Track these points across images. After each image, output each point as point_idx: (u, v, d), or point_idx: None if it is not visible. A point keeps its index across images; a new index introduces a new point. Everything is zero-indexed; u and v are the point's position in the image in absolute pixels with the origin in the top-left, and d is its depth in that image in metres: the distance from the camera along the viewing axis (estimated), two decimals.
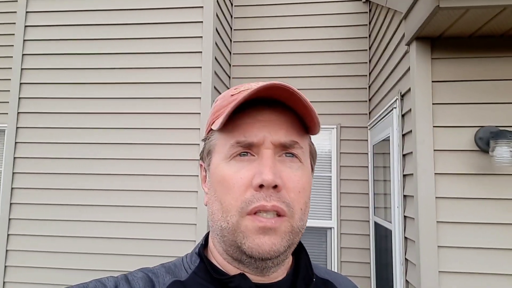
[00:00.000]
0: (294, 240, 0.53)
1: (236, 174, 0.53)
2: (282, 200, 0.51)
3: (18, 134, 3.05)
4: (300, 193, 0.54)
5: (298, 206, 0.53)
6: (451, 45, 2.07)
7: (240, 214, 0.51)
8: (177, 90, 2.93)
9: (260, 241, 0.50)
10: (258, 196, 0.51)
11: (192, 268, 0.58)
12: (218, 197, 0.54)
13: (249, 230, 0.50)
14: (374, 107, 3.32)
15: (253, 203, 0.50)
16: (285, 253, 0.52)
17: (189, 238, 2.78)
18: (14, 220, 2.98)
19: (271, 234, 0.50)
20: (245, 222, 0.51)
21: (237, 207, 0.51)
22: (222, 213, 0.53)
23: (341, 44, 3.67)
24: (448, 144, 2.03)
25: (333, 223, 3.43)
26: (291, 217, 0.52)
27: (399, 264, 2.37)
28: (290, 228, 0.52)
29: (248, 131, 0.54)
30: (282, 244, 0.51)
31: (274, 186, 0.51)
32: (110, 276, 0.55)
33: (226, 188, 0.53)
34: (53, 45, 3.11)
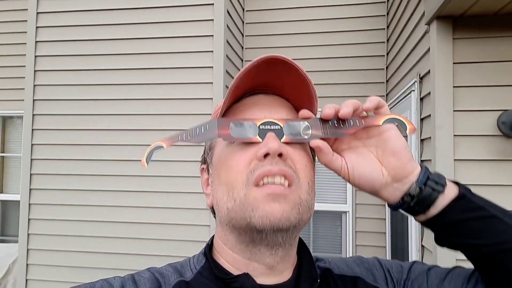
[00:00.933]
0: (304, 216, 0.52)
1: (239, 151, 0.53)
2: (289, 166, 0.51)
3: (35, 121, 3.09)
4: (306, 167, 0.54)
5: (305, 177, 0.53)
6: (474, 24, 1.96)
7: (246, 187, 0.50)
8: (191, 76, 2.90)
9: (270, 208, 0.49)
10: (263, 163, 0.50)
11: (198, 268, 0.57)
12: (223, 180, 0.53)
13: (258, 201, 0.49)
14: (391, 89, 3.21)
15: (258, 170, 0.50)
16: (295, 229, 0.52)
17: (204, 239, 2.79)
18: (34, 205, 3.06)
19: (281, 201, 0.49)
20: (253, 194, 0.50)
21: (243, 179, 0.51)
22: (228, 193, 0.52)
23: (358, 23, 3.52)
24: (469, 129, 1.94)
25: (348, 207, 3.40)
26: (299, 187, 0.51)
27: (415, 250, 2.33)
28: (299, 199, 0.51)
29: (248, 112, 0.55)
30: (293, 214, 0.50)
31: (280, 155, 0.50)
32: (117, 276, 0.55)
33: (230, 166, 0.53)
34: (66, 31, 3.10)
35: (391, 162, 0.53)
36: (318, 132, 0.54)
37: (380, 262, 0.66)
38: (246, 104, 0.57)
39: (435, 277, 0.59)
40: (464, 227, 0.52)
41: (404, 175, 0.53)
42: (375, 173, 0.54)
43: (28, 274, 3.01)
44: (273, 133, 0.52)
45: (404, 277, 0.62)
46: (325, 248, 3.56)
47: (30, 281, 3.01)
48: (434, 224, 0.54)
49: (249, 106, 0.56)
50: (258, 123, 0.53)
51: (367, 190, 0.56)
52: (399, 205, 0.55)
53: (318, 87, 0.59)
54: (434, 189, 0.52)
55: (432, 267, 0.62)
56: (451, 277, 0.58)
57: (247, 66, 0.51)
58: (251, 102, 0.57)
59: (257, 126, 0.53)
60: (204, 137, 0.53)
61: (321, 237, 3.57)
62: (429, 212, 0.53)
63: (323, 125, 0.55)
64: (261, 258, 0.54)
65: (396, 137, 0.54)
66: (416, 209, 0.53)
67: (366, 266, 0.64)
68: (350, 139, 0.56)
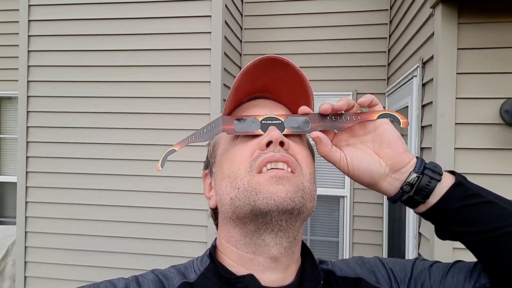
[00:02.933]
0: (307, 204, 0.53)
1: (242, 144, 0.55)
2: (291, 154, 0.54)
3: (30, 103, 3.04)
4: (308, 158, 0.57)
5: (306, 167, 0.55)
6: (479, 8, 1.89)
7: (250, 174, 0.52)
8: (189, 74, 2.84)
9: (274, 189, 0.50)
10: (265, 151, 0.53)
11: (201, 270, 0.58)
12: (226, 173, 0.55)
13: (261, 184, 0.51)
14: (393, 72, 3.15)
15: (261, 157, 0.52)
16: (299, 213, 0.52)
17: None
18: (31, 188, 3.04)
19: (284, 183, 0.51)
20: (256, 179, 0.51)
21: (246, 167, 0.53)
22: (231, 183, 0.53)
23: (359, 3, 3.43)
24: (471, 117, 1.91)
25: (346, 191, 3.40)
26: (301, 175, 0.53)
27: (412, 237, 2.34)
28: (302, 185, 0.53)
29: (250, 111, 0.59)
30: (297, 196, 0.51)
31: (281, 143, 0.53)
32: (121, 278, 0.56)
33: (233, 158, 0.55)
34: (59, 10, 3.00)
35: (388, 153, 0.56)
36: (317, 125, 0.57)
37: (382, 262, 0.65)
38: (247, 106, 0.61)
39: (438, 273, 0.60)
40: (463, 213, 0.54)
41: (401, 165, 0.56)
42: (373, 164, 0.57)
43: (26, 256, 3.03)
44: (275, 126, 0.55)
45: (408, 275, 0.62)
46: (323, 232, 3.58)
47: (28, 263, 3.03)
48: (433, 213, 0.56)
49: (250, 107, 0.60)
50: (260, 119, 0.56)
51: (366, 181, 0.58)
52: (398, 196, 0.57)
53: (317, 70, 0.60)
54: (432, 178, 0.54)
55: (434, 262, 0.63)
56: (453, 272, 0.59)
57: (245, 68, 0.54)
58: (252, 104, 0.61)
59: (259, 121, 0.56)
60: (210, 134, 0.57)
61: (318, 222, 3.58)
62: (428, 201, 0.55)
63: (322, 119, 0.58)
64: (266, 250, 0.54)
65: (390, 130, 0.57)
66: (415, 198, 0.55)
67: (367, 267, 0.64)
68: (347, 136, 0.60)
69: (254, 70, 0.55)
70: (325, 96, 3.32)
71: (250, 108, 0.60)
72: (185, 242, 2.81)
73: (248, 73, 0.55)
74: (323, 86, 3.34)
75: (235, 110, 0.61)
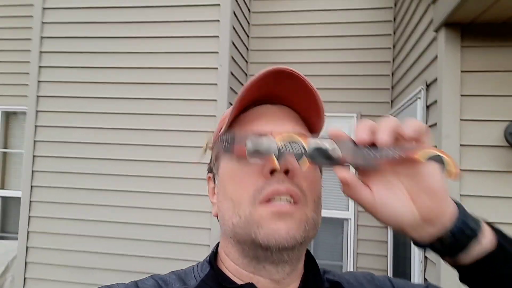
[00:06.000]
0: (310, 233, 0.51)
1: (246, 166, 0.51)
2: (296, 184, 0.50)
3: (38, 117, 3.08)
4: (313, 183, 0.53)
5: (311, 196, 0.52)
6: (483, 32, 1.93)
7: (252, 205, 0.49)
8: (196, 77, 2.89)
9: (276, 226, 0.48)
10: (270, 182, 0.49)
11: (201, 276, 0.56)
12: (229, 194, 0.53)
13: (263, 218, 0.48)
14: (397, 95, 3.18)
15: (266, 189, 0.49)
16: (301, 246, 0.51)
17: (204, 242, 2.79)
18: (35, 202, 3.04)
19: (287, 220, 0.48)
20: (259, 212, 0.49)
21: (249, 196, 0.50)
22: (233, 208, 0.51)
23: (364, 28, 3.50)
24: (476, 139, 1.91)
25: (350, 214, 3.36)
26: (305, 205, 0.51)
27: (418, 261, 2.29)
28: (305, 217, 0.50)
29: (255, 124, 0.54)
30: (299, 233, 0.49)
31: (286, 171, 0.49)
32: (121, 283, 0.55)
33: (237, 181, 0.52)
34: (71, 28, 3.10)
35: (425, 201, 0.45)
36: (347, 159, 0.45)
37: (391, 282, 0.63)
38: (253, 115, 0.56)
39: None
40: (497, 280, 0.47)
41: (437, 217, 0.45)
42: (405, 213, 0.46)
43: (26, 272, 3.00)
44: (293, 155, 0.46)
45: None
46: (326, 256, 3.51)
47: (28, 279, 3.00)
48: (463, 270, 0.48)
49: (255, 117, 0.55)
50: (277, 141, 0.46)
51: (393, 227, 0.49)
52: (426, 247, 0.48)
53: (321, 92, 0.57)
54: (469, 237, 0.45)
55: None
56: None
57: (254, 78, 0.51)
58: (258, 112, 0.56)
59: (276, 146, 0.46)
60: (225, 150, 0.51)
61: (322, 245, 3.52)
62: (459, 258, 0.47)
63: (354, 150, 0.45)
64: (267, 274, 0.53)
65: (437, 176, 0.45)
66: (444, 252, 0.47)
67: (376, 284, 0.62)
68: None
69: (261, 81, 0.52)
70: (329, 117, 3.35)
71: (255, 118, 0.55)
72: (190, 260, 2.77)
73: (255, 84, 0.51)
74: (327, 107, 3.27)
75: (240, 115, 0.57)
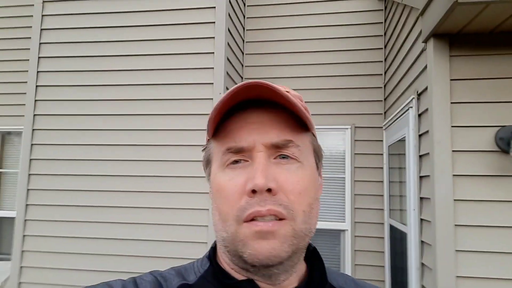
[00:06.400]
0: (299, 244, 0.51)
1: (230, 182, 0.51)
2: (279, 203, 0.49)
3: (34, 136, 3.09)
4: (301, 194, 0.51)
5: (299, 208, 0.50)
6: (470, 42, 2.00)
7: (237, 223, 0.49)
8: (190, 91, 2.93)
9: (258, 245, 0.48)
10: (252, 202, 0.49)
11: (201, 272, 0.57)
12: (217, 207, 0.53)
13: (247, 237, 0.48)
14: (389, 106, 3.24)
15: (248, 210, 0.48)
16: (290, 259, 0.50)
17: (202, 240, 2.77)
18: (29, 221, 3.01)
19: (269, 238, 0.48)
20: (243, 230, 0.49)
21: (234, 215, 0.49)
22: (222, 222, 0.51)
23: (356, 42, 3.60)
24: (467, 144, 1.95)
25: (347, 225, 3.37)
26: (292, 220, 0.49)
27: (415, 269, 2.30)
28: (292, 232, 0.49)
29: (237, 135, 0.52)
30: (283, 249, 0.48)
31: (268, 190, 0.48)
32: (119, 279, 0.55)
33: (222, 197, 0.52)
34: (68, 47, 3.14)
35: None
36: None
37: None
38: (237, 122, 0.53)
39: None
40: None
41: None
42: None
43: None
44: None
45: None
46: None
47: None
48: None
49: (239, 126, 0.53)
50: None
51: None
52: None
53: (316, 105, 0.57)
54: None
55: None
56: None
57: (228, 93, 0.49)
58: (241, 121, 0.53)
59: None
60: None
61: None
62: None
63: None
64: (262, 278, 0.52)
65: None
66: None
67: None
68: None
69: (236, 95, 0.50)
70: (324, 130, 3.40)
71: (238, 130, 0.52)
72: None
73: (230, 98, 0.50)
74: (322, 120, 3.41)
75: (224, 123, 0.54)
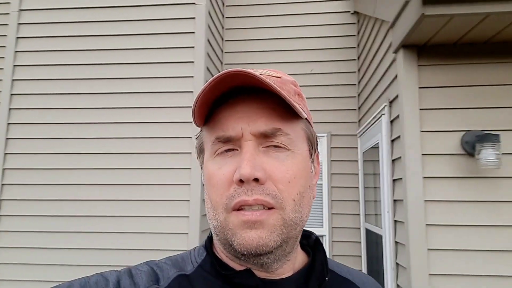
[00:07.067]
0: (290, 233, 0.50)
1: (219, 170, 0.51)
2: (266, 193, 0.48)
3: (8, 144, 3.03)
4: (291, 183, 0.51)
5: (289, 196, 0.50)
6: (437, 52, 2.14)
7: (226, 211, 0.49)
8: (170, 84, 2.98)
9: (246, 235, 0.48)
10: (239, 191, 0.49)
11: (198, 262, 0.56)
12: (208, 195, 0.53)
13: (235, 226, 0.49)
14: (363, 115, 3.37)
15: (235, 198, 0.49)
16: (281, 248, 0.50)
17: None
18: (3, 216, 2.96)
19: (257, 228, 0.48)
20: (231, 218, 0.49)
21: (223, 203, 0.50)
22: (213, 211, 0.52)
23: (331, 54, 3.74)
24: (436, 148, 2.07)
25: (325, 230, 3.44)
26: (282, 209, 0.49)
27: (390, 269, 2.38)
28: (281, 221, 0.49)
29: (225, 124, 0.52)
30: (272, 238, 0.48)
31: (255, 179, 0.48)
32: (113, 270, 0.54)
33: (212, 185, 0.52)
34: (44, 56, 3.12)
35: None
36: None
37: None
38: (225, 111, 0.53)
39: None
40: None
41: None
42: None
43: None
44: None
45: None
46: None
47: None
48: None
49: (227, 117, 0.52)
50: None
51: None
52: None
53: None
54: None
55: None
56: None
57: (208, 83, 0.49)
58: (229, 109, 0.52)
59: None
60: None
61: None
62: None
63: None
64: (254, 266, 0.53)
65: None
66: None
67: None
68: None
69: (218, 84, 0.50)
70: None
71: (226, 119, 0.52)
72: None
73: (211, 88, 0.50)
74: None
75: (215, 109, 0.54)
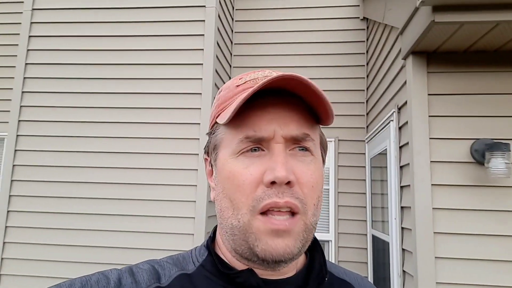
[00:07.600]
0: (308, 237, 0.51)
1: (245, 170, 0.50)
2: (295, 196, 0.49)
3: (18, 142, 3.07)
4: (314, 187, 0.51)
5: (311, 201, 0.51)
6: (446, 59, 2.13)
7: (251, 213, 0.48)
8: (178, 85, 3.00)
9: (273, 243, 0.48)
10: (269, 193, 0.48)
11: (200, 261, 0.56)
12: (227, 194, 0.51)
13: (261, 232, 0.48)
14: (371, 121, 3.36)
15: (265, 200, 0.48)
16: (299, 253, 0.50)
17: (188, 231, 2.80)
18: (10, 228, 2.97)
19: (285, 237, 0.48)
20: (257, 223, 0.48)
21: (248, 205, 0.49)
22: (233, 210, 0.50)
23: (339, 59, 3.74)
24: (445, 155, 2.06)
25: (331, 236, 3.43)
26: (304, 214, 0.50)
27: (397, 276, 2.36)
28: (304, 226, 0.50)
29: (257, 124, 0.51)
30: (296, 246, 0.49)
31: (287, 182, 0.48)
32: (114, 269, 0.54)
33: (236, 185, 0.50)
34: (55, 55, 3.16)
35: None
36: None
37: None
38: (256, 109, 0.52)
39: None
40: None
41: None
42: None
43: None
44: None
45: None
46: None
47: None
48: None
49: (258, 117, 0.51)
50: None
51: None
52: None
53: None
54: None
55: None
56: None
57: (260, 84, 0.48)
58: (260, 109, 0.52)
59: None
60: None
61: None
62: None
63: None
64: (264, 271, 0.53)
65: None
66: None
67: None
68: None
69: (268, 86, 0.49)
70: None
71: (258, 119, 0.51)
72: None
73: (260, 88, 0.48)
74: None
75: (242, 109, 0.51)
